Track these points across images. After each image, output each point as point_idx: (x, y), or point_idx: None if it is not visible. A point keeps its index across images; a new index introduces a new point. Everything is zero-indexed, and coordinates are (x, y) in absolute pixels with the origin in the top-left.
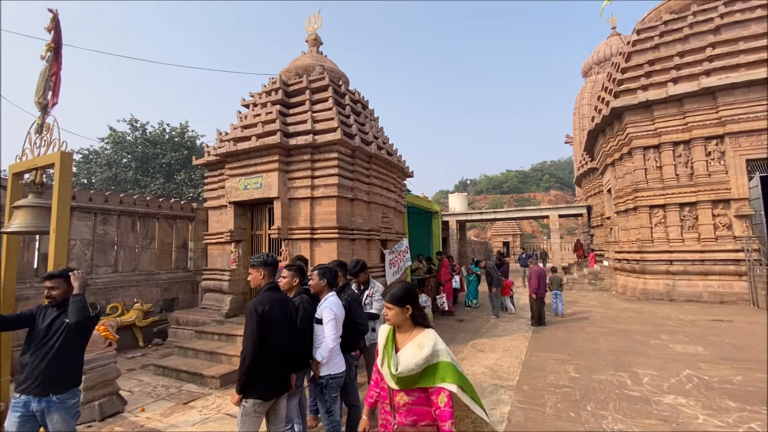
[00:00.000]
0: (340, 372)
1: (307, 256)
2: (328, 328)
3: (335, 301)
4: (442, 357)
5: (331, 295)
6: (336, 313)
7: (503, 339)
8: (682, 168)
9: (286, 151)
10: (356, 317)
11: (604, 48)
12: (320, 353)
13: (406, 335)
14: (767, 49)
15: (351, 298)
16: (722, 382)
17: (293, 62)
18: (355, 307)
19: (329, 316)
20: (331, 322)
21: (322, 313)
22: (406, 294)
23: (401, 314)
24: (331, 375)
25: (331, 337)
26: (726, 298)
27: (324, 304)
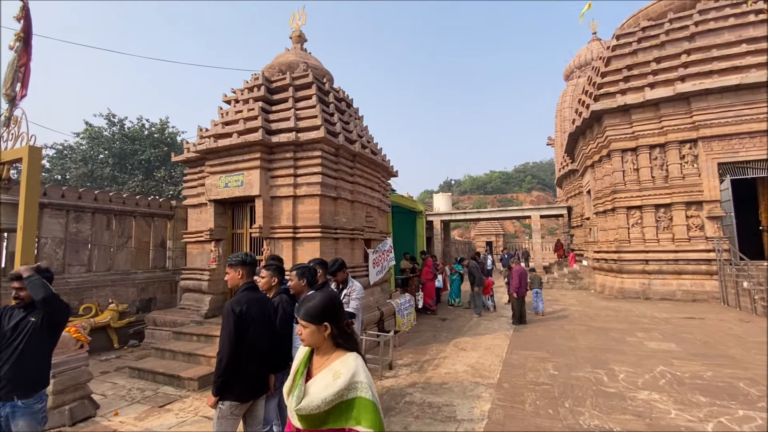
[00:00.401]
0: None
1: (290, 256)
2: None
3: None
4: (361, 392)
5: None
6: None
7: (485, 338)
8: (657, 170)
9: (268, 148)
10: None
11: (585, 52)
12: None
13: (323, 359)
14: (738, 57)
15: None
16: (693, 378)
17: (276, 59)
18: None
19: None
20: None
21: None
22: (324, 308)
23: (317, 333)
24: None
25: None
26: (698, 296)
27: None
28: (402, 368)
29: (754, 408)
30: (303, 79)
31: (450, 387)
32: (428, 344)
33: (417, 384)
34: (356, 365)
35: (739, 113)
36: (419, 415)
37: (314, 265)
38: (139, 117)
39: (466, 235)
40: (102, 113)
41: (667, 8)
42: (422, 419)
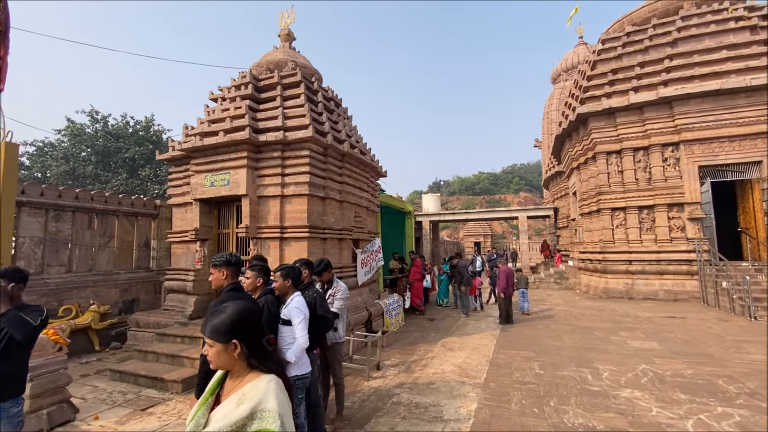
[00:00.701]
0: (307, 372)
1: (277, 256)
2: (300, 328)
3: (302, 301)
4: (266, 422)
5: (297, 295)
6: (305, 312)
7: (472, 337)
8: (641, 173)
9: (255, 147)
10: (321, 311)
11: (571, 56)
12: (292, 354)
13: (235, 383)
14: (719, 62)
15: (316, 294)
16: (674, 376)
17: (264, 57)
18: (320, 302)
19: (299, 316)
20: (302, 322)
21: (291, 313)
22: (232, 323)
23: (224, 354)
24: (298, 376)
25: (303, 336)
26: (679, 296)
27: (291, 304)
28: (390, 369)
29: (733, 405)
30: (291, 77)
31: (437, 387)
32: (416, 344)
33: (404, 384)
34: (267, 390)
35: (719, 117)
36: (406, 415)
37: (299, 265)
38: (123, 114)
39: (455, 236)
40: (85, 110)
41: (651, 14)
42: (409, 419)
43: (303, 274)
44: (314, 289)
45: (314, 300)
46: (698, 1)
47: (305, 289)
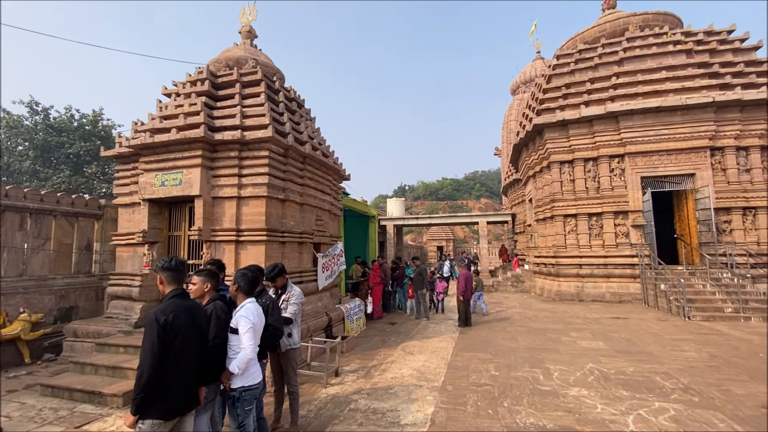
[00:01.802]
0: (256, 384)
1: (232, 260)
2: (246, 337)
3: (253, 309)
4: None
5: (249, 302)
6: (253, 321)
7: (432, 341)
8: (591, 182)
9: (210, 146)
10: (271, 320)
11: (530, 69)
12: (236, 364)
13: None
14: (659, 82)
15: (269, 301)
16: (618, 374)
17: (224, 53)
18: (272, 309)
19: (246, 325)
20: (249, 331)
21: (238, 322)
22: None
23: None
24: (245, 387)
25: (250, 347)
26: (624, 297)
27: (240, 312)
28: (348, 374)
29: (668, 400)
30: (251, 75)
31: (395, 392)
32: (377, 349)
33: (363, 390)
34: None
35: (658, 133)
36: (363, 422)
37: (251, 272)
38: (68, 107)
39: (418, 240)
40: (23, 100)
41: (600, 34)
42: (366, 426)
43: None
44: (267, 295)
45: (266, 307)
46: (642, 24)
47: (258, 296)
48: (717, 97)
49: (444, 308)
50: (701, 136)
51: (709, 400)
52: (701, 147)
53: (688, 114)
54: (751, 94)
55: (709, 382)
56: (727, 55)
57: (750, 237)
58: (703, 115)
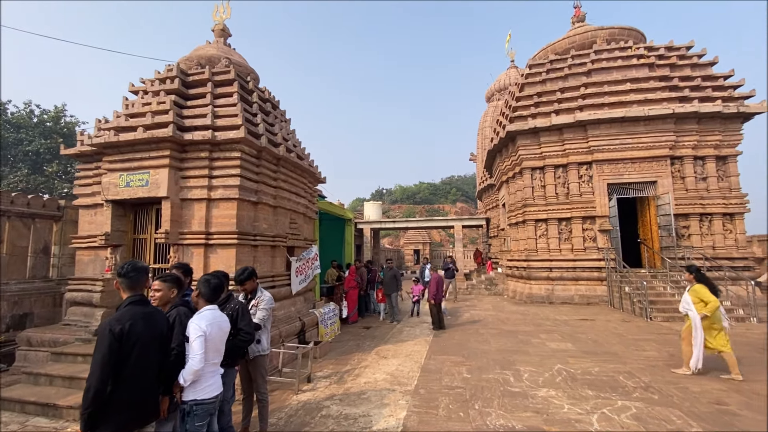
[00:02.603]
0: (210, 398)
1: (201, 264)
2: (194, 346)
3: (208, 316)
4: None
5: (208, 309)
6: (206, 329)
7: (406, 344)
8: (560, 188)
9: (179, 146)
10: (242, 324)
11: (504, 78)
12: (183, 375)
13: None
14: (624, 93)
15: (238, 306)
16: (584, 374)
17: (195, 51)
18: (242, 314)
19: (196, 332)
20: (198, 339)
21: (189, 329)
22: None
23: None
24: (196, 401)
25: (197, 356)
26: (591, 300)
27: (193, 319)
28: (321, 380)
29: (630, 398)
30: (224, 75)
31: (368, 397)
32: (351, 354)
33: (335, 396)
34: None
35: (623, 142)
36: (334, 428)
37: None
38: (27, 102)
39: (396, 243)
40: None
41: (570, 45)
42: None
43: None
44: (236, 300)
45: (236, 312)
46: (608, 38)
47: (225, 302)
48: (676, 109)
49: (419, 311)
50: (662, 145)
51: (667, 398)
52: (662, 156)
53: (650, 124)
54: (707, 107)
55: (667, 380)
56: (685, 69)
57: (706, 242)
58: (664, 125)
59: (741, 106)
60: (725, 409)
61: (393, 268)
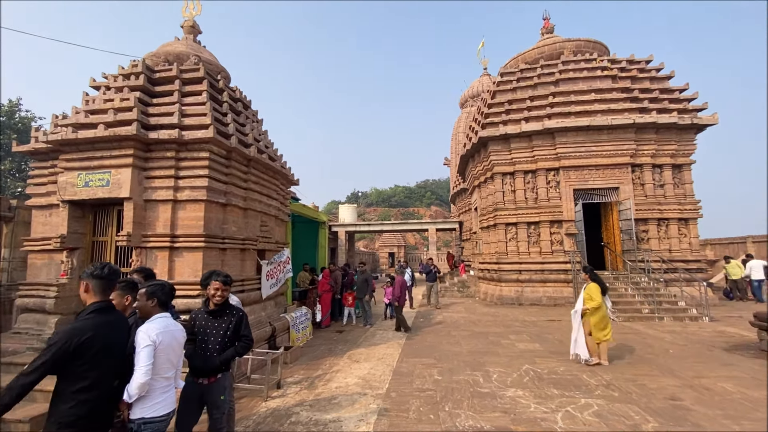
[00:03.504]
0: (161, 416)
1: (166, 267)
2: (141, 357)
3: (160, 324)
4: None
5: (161, 316)
6: (156, 338)
7: (379, 347)
8: (530, 193)
9: (144, 145)
10: (245, 332)
11: (477, 84)
12: (128, 390)
13: None
14: (589, 103)
15: (243, 313)
16: (550, 374)
17: (163, 47)
18: (245, 323)
19: (143, 342)
20: (146, 349)
21: (137, 338)
22: None
23: None
24: (145, 419)
25: (143, 369)
26: (558, 301)
27: (142, 327)
28: (291, 386)
29: (593, 396)
30: (193, 72)
31: (339, 402)
32: (322, 358)
33: (305, 402)
34: None
35: (588, 149)
36: None
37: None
38: None
39: (371, 246)
40: None
41: (539, 55)
42: None
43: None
44: (236, 308)
45: (239, 320)
46: (575, 49)
47: (224, 308)
48: (637, 119)
49: (393, 314)
50: (624, 153)
51: (626, 395)
52: (624, 163)
53: (613, 133)
54: (664, 117)
55: (626, 377)
56: (645, 82)
57: (663, 245)
58: (625, 135)
59: (695, 118)
60: (679, 404)
61: (366, 271)
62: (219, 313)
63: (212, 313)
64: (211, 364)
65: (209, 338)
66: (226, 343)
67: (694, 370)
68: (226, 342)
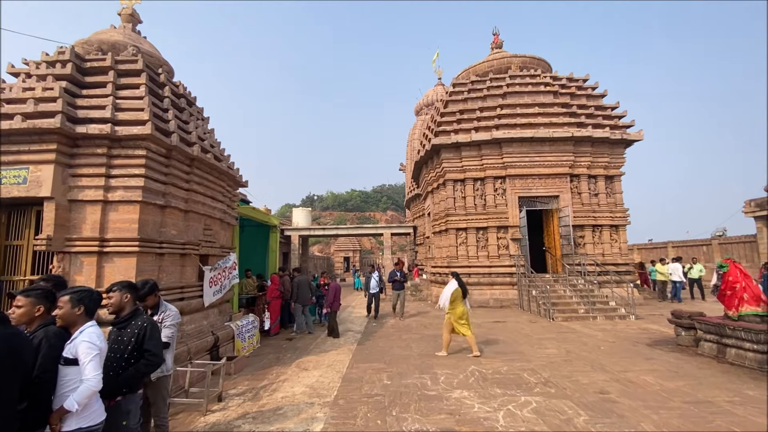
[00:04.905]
0: (96, 424)
1: (93, 275)
2: (91, 366)
3: (98, 332)
4: None
5: (91, 325)
6: (100, 346)
7: (330, 354)
8: (479, 199)
9: (70, 140)
10: (150, 345)
11: (431, 93)
12: (76, 399)
13: None
14: (533, 116)
15: (146, 323)
16: (494, 374)
17: (96, 34)
18: (151, 333)
19: (91, 351)
20: (95, 359)
21: (77, 349)
22: None
23: None
24: (81, 429)
25: (96, 377)
26: (504, 303)
27: (80, 337)
28: (234, 398)
29: (532, 393)
30: (130, 64)
31: (284, 412)
32: (269, 368)
33: (248, 414)
34: None
35: (532, 159)
36: None
37: (119, 289)
38: None
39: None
40: None
41: (489, 69)
42: None
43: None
44: (143, 318)
45: (144, 330)
46: (521, 65)
47: (130, 318)
48: (575, 133)
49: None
50: (563, 164)
51: (562, 391)
52: (563, 173)
53: (554, 145)
54: (598, 132)
55: (563, 374)
56: (582, 99)
57: (597, 249)
58: (565, 147)
59: (624, 134)
60: (607, 397)
61: (298, 276)
62: (123, 324)
63: (115, 323)
64: (109, 384)
65: (110, 353)
66: (130, 359)
67: (621, 365)
68: (126, 358)
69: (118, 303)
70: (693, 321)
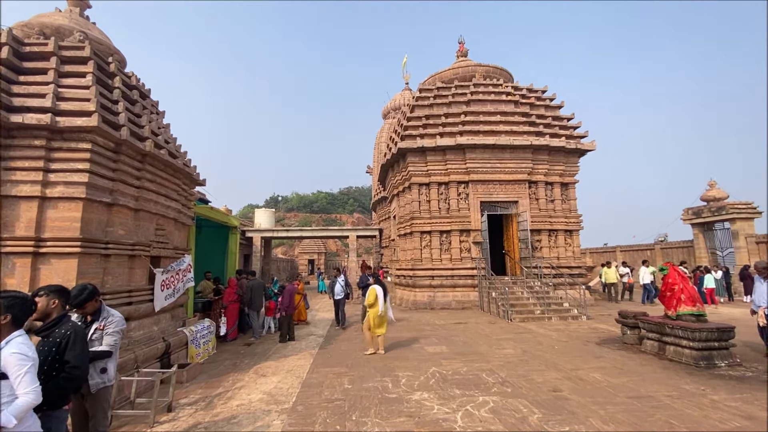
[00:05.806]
0: None
1: (27, 278)
2: (28, 379)
3: (25, 342)
4: None
5: (19, 334)
6: (33, 356)
7: (290, 359)
8: (443, 203)
9: (4, 130)
10: (70, 356)
11: (399, 98)
12: (13, 412)
13: None
14: (495, 124)
15: (69, 331)
16: (454, 374)
17: (37, 17)
18: (72, 342)
19: (23, 363)
20: (31, 370)
21: (6, 362)
22: None
23: None
24: None
25: (35, 391)
26: (466, 305)
27: (9, 349)
28: (185, 408)
29: (490, 393)
30: (76, 51)
31: (239, 421)
32: (225, 374)
33: (200, 424)
34: None
35: (494, 165)
36: None
37: (47, 293)
38: None
39: (290, 253)
40: None
41: (454, 76)
42: None
43: (51, 305)
44: (68, 325)
45: (65, 339)
46: (485, 74)
47: (55, 326)
48: (534, 141)
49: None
50: (522, 171)
51: (518, 390)
52: (522, 180)
53: (514, 153)
54: (555, 142)
55: (519, 374)
56: (541, 109)
57: (553, 253)
58: (524, 154)
59: (579, 144)
60: (559, 395)
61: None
62: (46, 332)
63: (38, 331)
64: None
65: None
66: (51, 372)
67: (572, 363)
68: (46, 371)
69: (44, 309)
70: (637, 320)
